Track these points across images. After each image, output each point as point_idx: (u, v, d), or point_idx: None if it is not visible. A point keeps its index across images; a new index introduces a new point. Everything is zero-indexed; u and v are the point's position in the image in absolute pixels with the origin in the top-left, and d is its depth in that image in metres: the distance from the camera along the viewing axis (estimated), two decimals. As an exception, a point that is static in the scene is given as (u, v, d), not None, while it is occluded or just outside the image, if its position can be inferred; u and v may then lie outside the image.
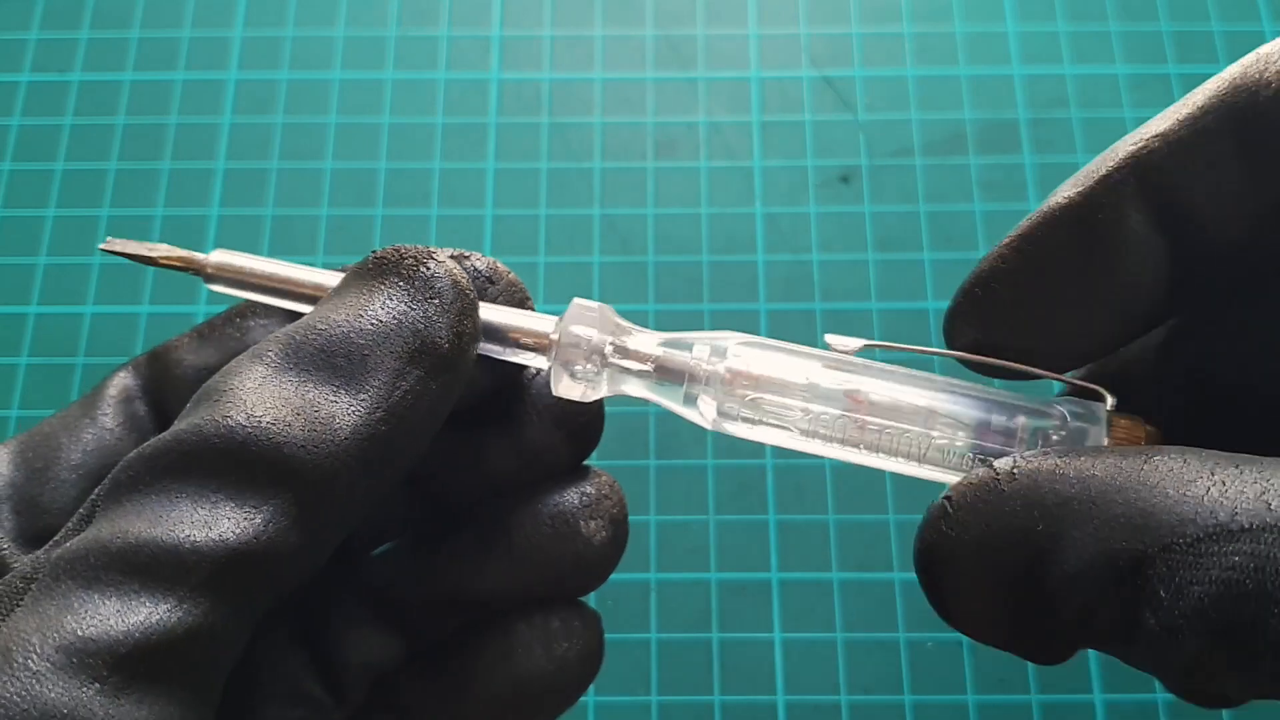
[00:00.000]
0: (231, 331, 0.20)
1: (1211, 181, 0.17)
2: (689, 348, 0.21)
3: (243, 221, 0.33)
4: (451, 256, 0.19)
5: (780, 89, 0.35)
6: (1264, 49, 0.17)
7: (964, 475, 0.17)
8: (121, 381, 0.19)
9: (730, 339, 0.21)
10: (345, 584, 0.19)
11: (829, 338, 0.21)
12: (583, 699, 0.27)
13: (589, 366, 0.20)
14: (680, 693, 0.28)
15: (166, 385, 0.19)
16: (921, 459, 0.20)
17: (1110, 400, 0.19)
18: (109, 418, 0.19)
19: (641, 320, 0.32)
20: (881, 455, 0.20)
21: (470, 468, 0.19)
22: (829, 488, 0.30)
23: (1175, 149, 0.17)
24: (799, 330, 0.32)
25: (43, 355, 0.32)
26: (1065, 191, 0.18)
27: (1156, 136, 0.18)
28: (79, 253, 0.33)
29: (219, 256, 0.20)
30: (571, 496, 0.20)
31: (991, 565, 0.17)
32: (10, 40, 0.36)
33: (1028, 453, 0.17)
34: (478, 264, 0.20)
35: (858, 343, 0.20)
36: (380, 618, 0.19)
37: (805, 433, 0.21)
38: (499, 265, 0.20)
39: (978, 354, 0.20)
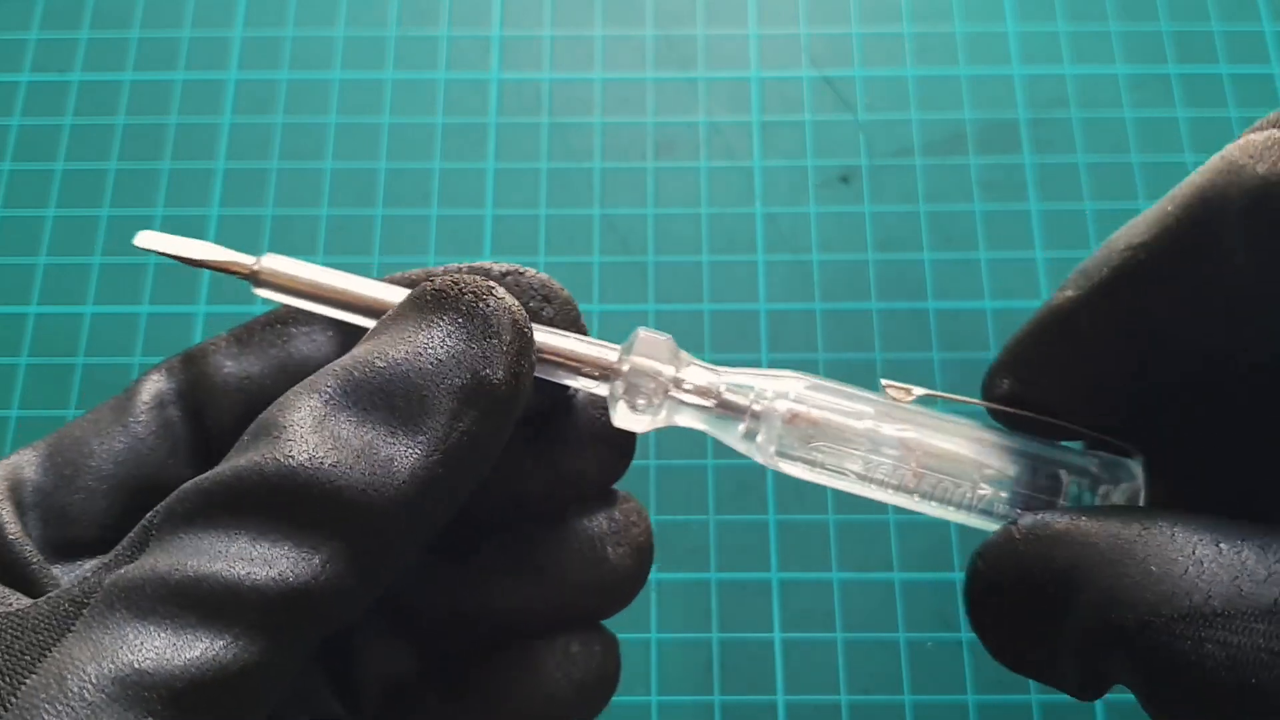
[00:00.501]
0: (272, 338, 0.20)
1: (1188, 285, 0.19)
2: (749, 386, 0.21)
3: (243, 221, 0.33)
4: (506, 273, 0.19)
5: (780, 89, 0.35)
6: (1230, 154, 0.19)
7: (995, 531, 0.19)
8: (155, 385, 0.19)
9: (793, 381, 0.21)
10: None
11: (886, 384, 0.21)
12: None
13: (651, 400, 0.21)
14: (680, 693, 0.28)
15: (203, 391, 0.19)
16: (970, 509, 0.21)
17: (1143, 461, 0.20)
18: (141, 424, 0.19)
19: (641, 320, 0.32)
20: (934, 503, 0.21)
21: (502, 486, 0.19)
22: (828, 488, 0.30)
23: (1154, 258, 0.19)
24: (798, 330, 0.32)
25: (43, 355, 0.32)
26: (1068, 290, 0.21)
27: (1140, 246, 0.19)
28: (79, 253, 0.33)
29: (270, 262, 0.19)
30: (600, 521, 0.20)
31: (1013, 611, 0.19)
32: (10, 40, 0.36)
33: (1044, 514, 0.19)
34: (532, 280, 0.19)
35: (915, 391, 0.21)
36: (399, 630, 0.19)
37: (861, 478, 0.21)
38: (553, 283, 0.20)
39: (1013, 405, 0.21)
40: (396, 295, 0.19)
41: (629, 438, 0.20)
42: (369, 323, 0.19)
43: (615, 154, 0.34)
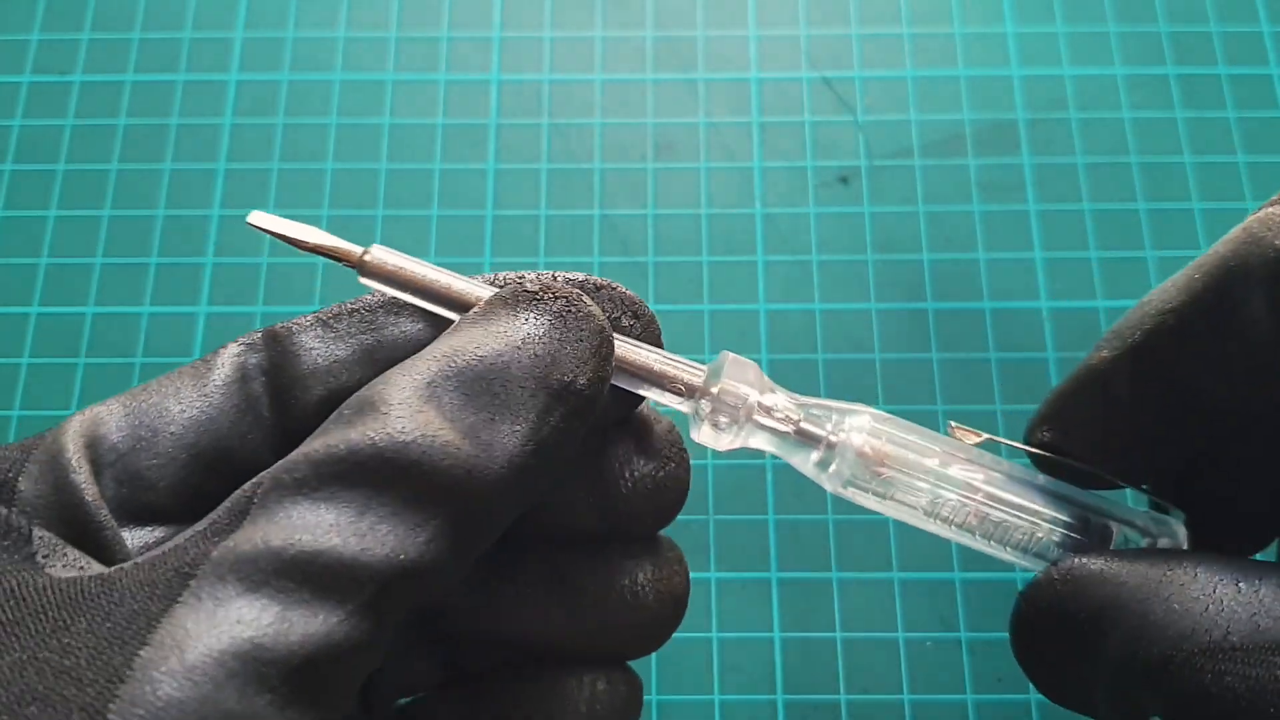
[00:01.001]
0: (361, 325, 0.20)
1: (1215, 347, 0.20)
2: (828, 414, 0.22)
3: (244, 221, 0.33)
4: (600, 286, 0.20)
5: (779, 90, 0.35)
6: (1251, 226, 0.20)
7: (1037, 573, 0.21)
8: (237, 358, 0.19)
9: (867, 414, 0.22)
10: None
11: (953, 426, 0.23)
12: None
13: (736, 420, 0.21)
14: (680, 692, 0.28)
15: (288, 370, 0.19)
16: (1026, 550, 0.22)
17: (1183, 516, 0.22)
18: (222, 395, 0.18)
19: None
20: (993, 543, 0.22)
21: (556, 515, 0.19)
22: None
23: (1183, 322, 0.21)
24: (798, 330, 0.32)
25: (44, 356, 0.32)
26: (1103, 351, 0.22)
27: (1170, 312, 0.21)
28: (81, 253, 0.33)
29: (377, 254, 0.20)
30: (645, 567, 0.20)
31: (1053, 649, 0.21)
32: (12, 41, 0.36)
33: (1080, 557, 0.20)
34: (623, 295, 0.20)
35: (982, 436, 0.23)
36: (428, 638, 0.19)
37: (928, 514, 0.22)
38: (641, 302, 0.20)
39: (1054, 452, 0.23)
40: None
41: (683, 491, 0.20)
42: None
43: (615, 155, 0.34)
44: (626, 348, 0.20)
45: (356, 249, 0.20)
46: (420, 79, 0.35)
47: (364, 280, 0.20)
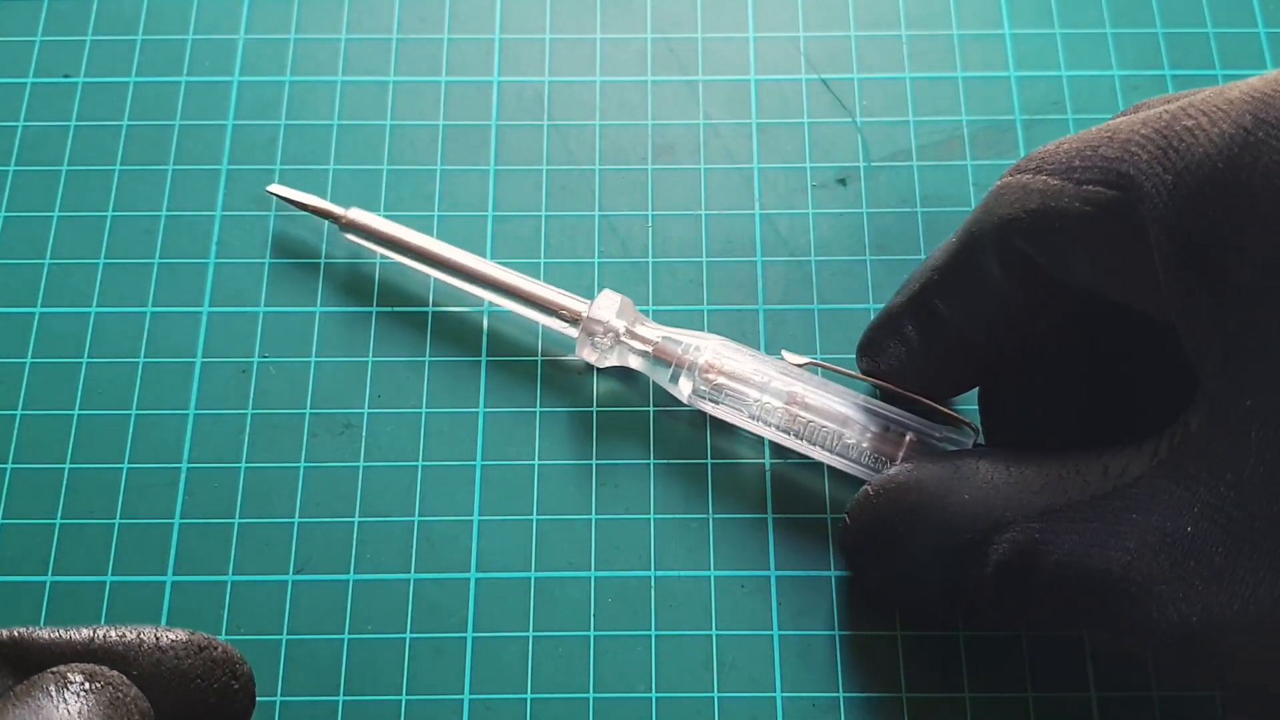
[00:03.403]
0: None
1: (966, 294, 0.26)
2: (681, 341, 0.29)
3: (246, 222, 0.34)
4: (203, 648, 0.22)
5: (778, 92, 0.36)
6: (987, 197, 0.25)
7: (857, 493, 0.26)
8: None
9: (712, 340, 0.29)
10: None
11: (785, 353, 0.29)
12: (584, 695, 0.28)
13: (605, 340, 0.29)
14: (680, 690, 0.28)
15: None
16: (833, 451, 0.28)
17: (976, 428, 0.28)
18: None
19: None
20: (805, 443, 0.28)
21: None
22: (826, 487, 0.30)
23: (943, 276, 0.27)
24: (797, 330, 0.32)
25: (47, 356, 0.32)
26: (897, 296, 0.28)
27: (935, 269, 0.27)
28: (84, 254, 0.33)
29: (355, 214, 0.32)
30: None
31: (874, 548, 0.26)
32: (16, 43, 0.36)
33: (888, 471, 0.26)
34: (223, 657, 0.22)
35: (804, 359, 0.29)
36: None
37: (753, 417, 0.29)
38: (239, 661, 0.23)
39: (881, 380, 0.29)
40: (451, 251, 0.31)
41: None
42: (425, 269, 0.31)
43: (615, 156, 0.35)
44: (523, 281, 0.30)
45: (341, 209, 0.32)
46: (422, 81, 0.36)
47: (346, 236, 0.32)
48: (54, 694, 0.18)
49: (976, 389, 0.28)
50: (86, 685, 0.19)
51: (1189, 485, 0.20)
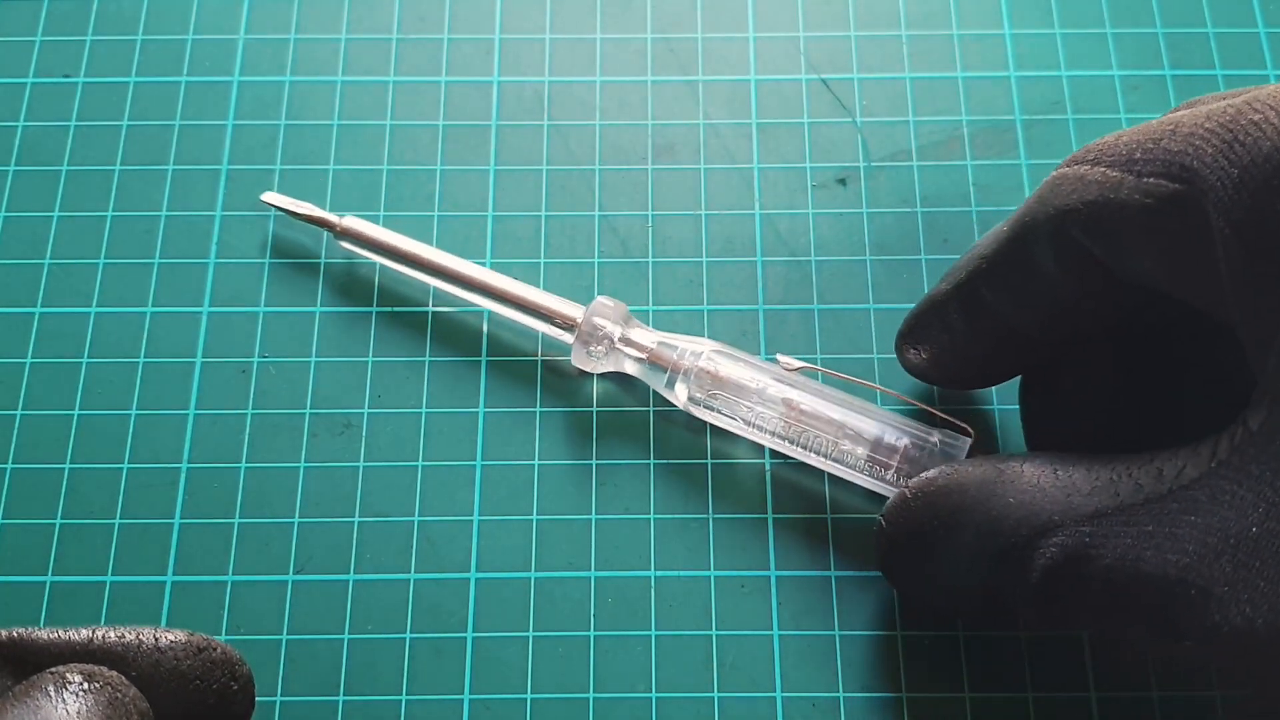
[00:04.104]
0: None
1: (1015, 292, 0.26)
2: (676, 347, 0.29)
3: (246, 222, 0.34)
4: (201, 649, 0.22)
5: (778, 92, 0.36)
6: (1042, 187, 0.25)
7: (892, 496, 0.26)
8: None
9: (707, 345, 0.29)
10: None
11: (780, 358, 0.29)
12: (584, 695, 0.28)
13: (600, 348, 0.29)
14: (680, 690, 0.28)
15: None
16: (829, 457, 0.28)
17: (972, 433, 0.27)
18: None
19: (642, 319, 0.32)
20: (800, 449, 0.28)
21: None
22: (826, 487, 0.30)
23: (992, 265, 0.26)
24: (797, 330, 0.32)
25: (47, 356, 0.32)
26: (941, 284, 0.28)
27: (984, 257, 0.26)
28: (84, 254, 0.33)
29: (349, 222, 0.32)
30: None
31: (912, 553, 0.25)
32: (16, 43, 0.36)
33: (927, 474, 0.25)
34: (222, 658, 0.22)
35: (800, 364, 0.29)
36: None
37: (748, 424, 0.28)
38: (238, 661, 0.23)
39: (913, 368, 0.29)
40: (447, 258, 0.31)
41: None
42: (421, 276, 0.31)
43: (615, 156, 0.35)
44: (519, 288, 0.30)
45: (336, 218, 0.32)
46: (422, 81, 0.36)
47: (342, 244, 0.32)
48: (53, 694, 0.18)
49: (1014, 379, 0.28)
50: (85, 685, 0.19)
51: (1253, 486, 0.19)
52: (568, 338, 0.29)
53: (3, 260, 0.33)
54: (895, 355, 0.29)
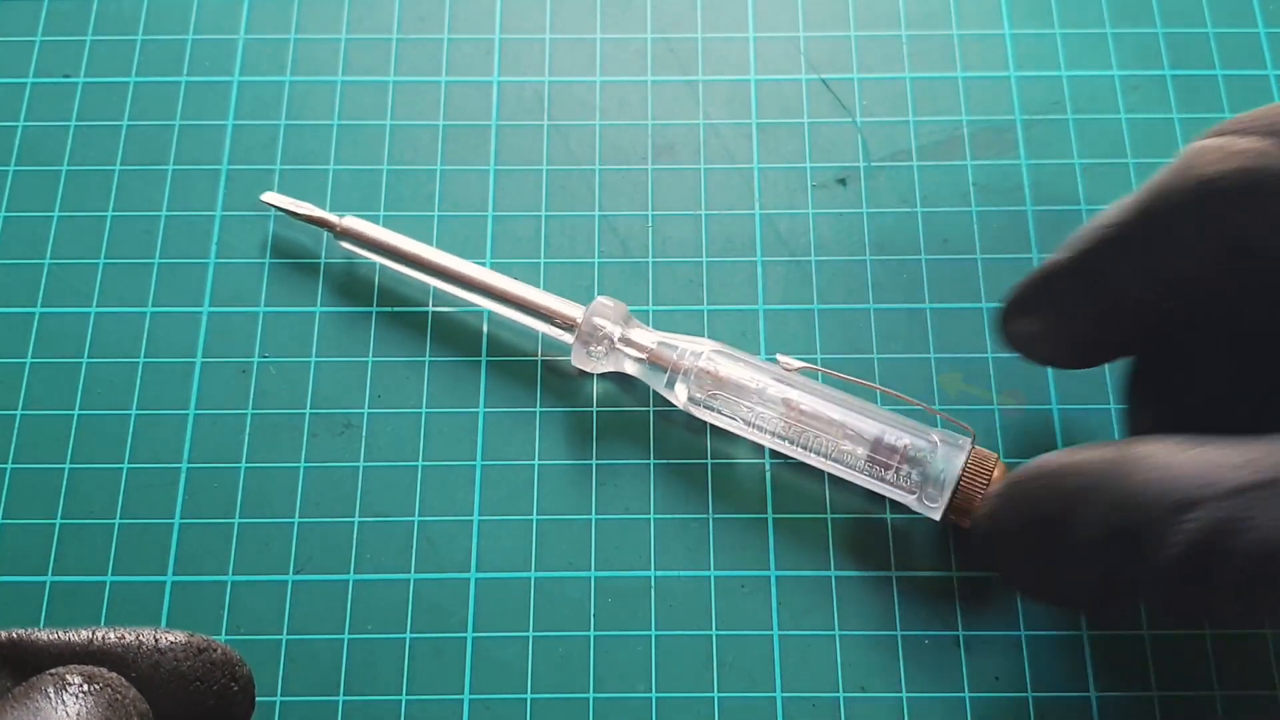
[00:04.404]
0: None
1: (1142, 264, 0.24)
2: (676, 347, 0.29)
3: (246, 222, 0.34)
4: (202, 649, 0.22)
5: (778, 92, 0.36)
6: (1184, 156, 0.24)
7: (988, 498, 0.25)
8: None
9: (707, 345, 0.29)
10: None
11: (780, 358, 0.28)
12: (584, 695, 0.28)
13: (600, 348, 0.29)
14: (680, 690, 0.28)
15: None
16: (829, 457, 0.28)
17: (972, 433, 0.27)
18: None
19: (643, 319, 0.32)
20: (799, 449, 0.28)
21: None
22: (826, 487, 0.30)
23: (1121, 236, 0.24)
24: (797, 330, 0.32)
25: (48, 356, 0.32)
26: (1058, 255, 0.25)
27: (1111, 226, 0.25)
28: (84, 254, 0.33)
29: (349, 222, 0.32)
30: None
31: (1032, 540, 0.23)
32: (16, 43, 0.36)
33: (1035, 460, 0.23)
34: (222, 659, 0.22)
35: (800, 364, 0.28)
36: None
37: (748, 424, 0.28)
38: (238, 662, 0.22)
39: (1014, 340, 0.27)
40: (446, 258, 0.31)
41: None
42: (421, 276, 0.31)
43: (615, 156, 0.35)
44: (518, 288, 0.30)
45: (336, 218, 0.32)
46: (422, 81, 0.36)
47: (342, 244, 0.32)
48: (52, 695, 0.18)
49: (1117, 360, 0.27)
50: (85, 687, 0.19)
51: None
52: (568, 338, 0.29)
53: (3, 260, 0.33)
54: (1000, 328, 0.27)
